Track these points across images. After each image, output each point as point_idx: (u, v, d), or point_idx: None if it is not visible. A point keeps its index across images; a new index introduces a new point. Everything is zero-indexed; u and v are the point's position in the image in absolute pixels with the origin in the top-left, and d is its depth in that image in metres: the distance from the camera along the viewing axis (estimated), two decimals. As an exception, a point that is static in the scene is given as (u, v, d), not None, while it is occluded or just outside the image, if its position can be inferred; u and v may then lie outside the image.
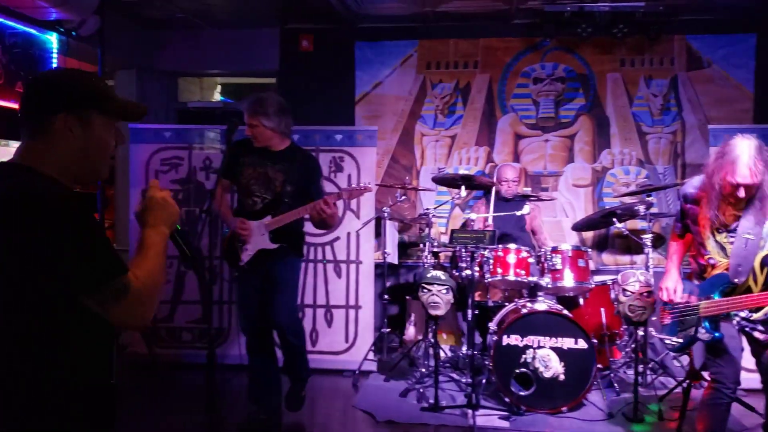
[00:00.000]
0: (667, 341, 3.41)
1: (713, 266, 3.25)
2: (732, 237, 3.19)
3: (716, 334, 3.18)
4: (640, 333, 4.81)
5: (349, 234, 5.57)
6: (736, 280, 3.14)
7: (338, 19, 6.09)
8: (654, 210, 5.32)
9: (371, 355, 5.38)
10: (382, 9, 5.92)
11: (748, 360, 3.32)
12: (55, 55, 5.13)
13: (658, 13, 5.61)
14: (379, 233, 5.60)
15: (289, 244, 4.04)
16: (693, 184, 3.40)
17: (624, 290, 4.63)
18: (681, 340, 3.35)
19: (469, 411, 4.25)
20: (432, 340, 4.81)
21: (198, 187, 5.61)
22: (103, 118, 1.68)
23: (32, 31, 5.03)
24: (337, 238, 5.58)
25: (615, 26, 5.67)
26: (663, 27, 5.80)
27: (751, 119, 5.77)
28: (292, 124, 4.09)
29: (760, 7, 5.63)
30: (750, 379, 4.43)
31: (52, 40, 5.18)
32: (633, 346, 4.80)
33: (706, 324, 3.21)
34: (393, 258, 5.56)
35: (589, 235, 6.06)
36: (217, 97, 7.91)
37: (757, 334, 3.19)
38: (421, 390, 4.69)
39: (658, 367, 5.14)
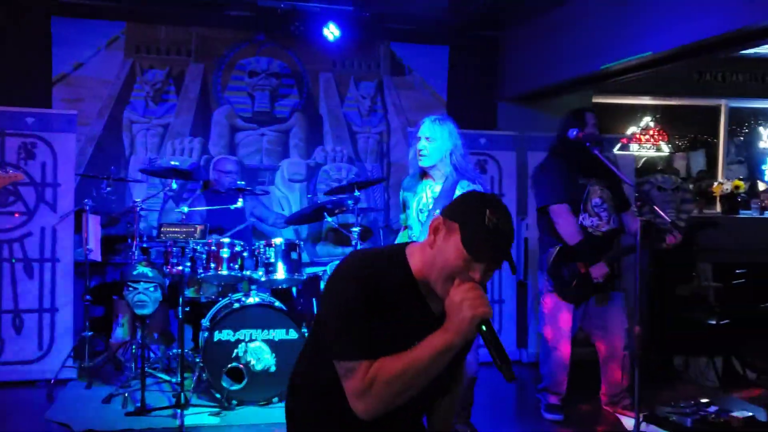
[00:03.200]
0: None
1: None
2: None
3: None
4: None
5: (43, 229, 5.03)
6: None
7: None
8: (362, 205, 5.64)
9: (70, 362, 4.92)
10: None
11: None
12: None
13: (366, 18, 5.96)
14: (80, 228, 5.13)
15: None
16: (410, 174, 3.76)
17: (332, 280, 4.85)
18: None
19: (178, 411, 4.10)
20: (140, 341, 4.56)
21: None
22: (459, 239, 1.65)
23: None
24: (29, 234, 5.00)
25: (326, 27, 5.90)
26: (370, 32, 6.19)
27: (443, 124, 6.41)
28: None
29: (452, 22, 6.29)
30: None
31: None
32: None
33: None
34: (96, 255, 5.13)
35: (303, 228, 6.24)
36: None
37: None
38: (127, 394, 4.42)
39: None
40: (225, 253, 4.71)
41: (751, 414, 4.13)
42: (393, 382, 1.62)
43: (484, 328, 1.61)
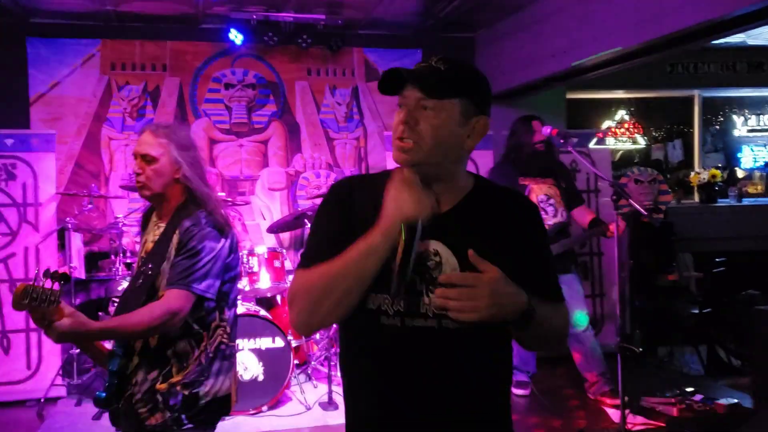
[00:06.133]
0: None
1: None
2: None
3: None
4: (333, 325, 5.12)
5: (27, 249, 5.04)
6: None
7: (5, 12, 5.46)
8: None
9: (59, 380, 4.93)
10: (57, 4, 5.43)
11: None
12: None
13: (338, 26, 6.02)
14: (63, 246, 5.15)
15: None
16: None
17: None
18: None
19: (168, 424, 4.13)
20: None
21: None
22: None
23: None
24: (13, 255, 5.01)
25: (299, 36, 5.95)
26: (343, 39, 6.25)
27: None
28: None
29: (423, 25, 6.34)
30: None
31: None
32: (327, 338, 5.09)
33: None
34: (80, 272, 5.15)
35: (286, 236, 6.27)
36: None
37: None
38: (117, 409, 4.43)
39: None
40: (208, 264, 4.74)
41: (736, 401, 4.22)
42: (312, 285, 1.43)
43: (403, 236, 1.37)
